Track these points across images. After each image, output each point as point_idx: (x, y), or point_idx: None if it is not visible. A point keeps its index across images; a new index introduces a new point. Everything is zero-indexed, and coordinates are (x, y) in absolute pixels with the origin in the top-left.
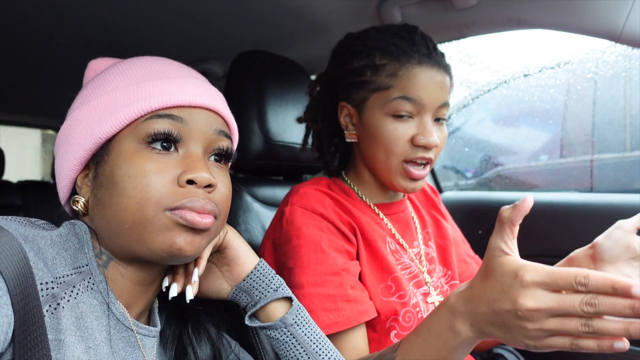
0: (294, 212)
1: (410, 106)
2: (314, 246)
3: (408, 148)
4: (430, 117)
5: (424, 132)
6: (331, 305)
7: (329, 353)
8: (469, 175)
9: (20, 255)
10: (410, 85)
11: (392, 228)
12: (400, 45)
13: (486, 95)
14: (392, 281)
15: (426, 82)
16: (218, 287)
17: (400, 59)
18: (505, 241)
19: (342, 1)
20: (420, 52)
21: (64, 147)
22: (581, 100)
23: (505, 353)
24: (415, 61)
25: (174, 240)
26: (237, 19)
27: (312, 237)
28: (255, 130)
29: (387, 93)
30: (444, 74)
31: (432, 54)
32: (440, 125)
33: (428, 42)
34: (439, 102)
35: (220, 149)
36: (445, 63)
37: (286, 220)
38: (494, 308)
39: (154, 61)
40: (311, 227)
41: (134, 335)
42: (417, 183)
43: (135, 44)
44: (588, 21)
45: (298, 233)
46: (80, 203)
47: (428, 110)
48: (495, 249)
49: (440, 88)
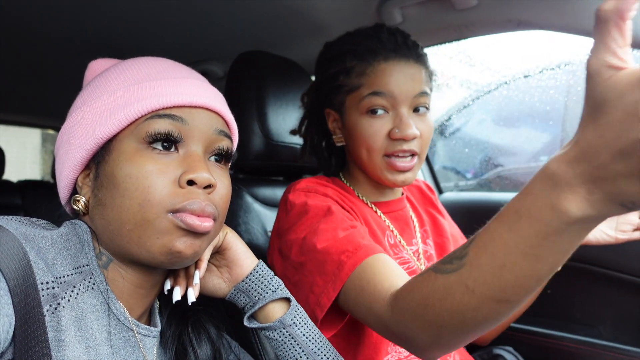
0: (297, 195)
1: (382, 100)
2: (322, 211)
3: (387, 142)
4: (407, 109)
5: (399, 125)
6: (348, 246)
7: (328, 353)
8: (469, 176)
9: (21, 254)
10: (378, 81)
11: (390, 225)
12: (367, 44)
13: (486, 96)
14: None
15: (395, 75)
16: (216, 287)
17: (367, 58)
18: (613, 51)
19: (342, 2)
20: (387, 48)
21: (64, 148)
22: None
23: (505, 354)
24: (381, 57)
25: (173, 243)
26: (237, 19)
27: (320, 206)
28: (256, 130)
29: (359, 92)
30: (414, 65)
31: (399, 48)
32: (422, 115)
33: (397, 36)
34: (412, 93)
35: (221, 149)
36: (418, 54)
37: (290, 204)
38: (623, 145)
39: (154, 62)
40: (317, 199)
41: (134, 335)
42: (405, 175)
43: (135, 44)
44: (588, 22)
45: (305, 208)
46: (81, 202)
47: (402, 102)
48: (601, 69)
49: (411, 79)
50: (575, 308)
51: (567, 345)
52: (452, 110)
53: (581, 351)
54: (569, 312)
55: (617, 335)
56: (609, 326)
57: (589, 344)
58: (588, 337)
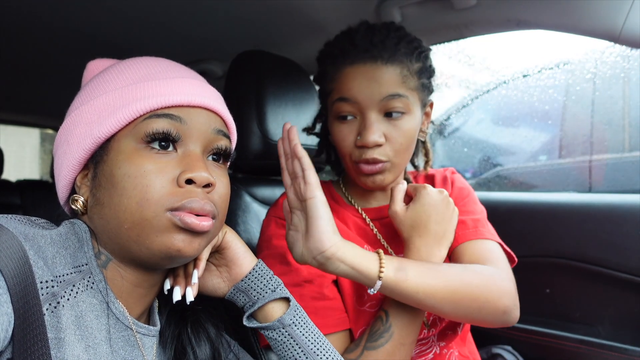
0: (269, 223)
1: (349, 106)
2: (279, 257)
3: (353, 149)
4: (376, 114)
5: (362, 132)
6: None
7: (327, 353)
8: (468, 175)
9: (20, 253)
10: (343, 86)
11: (375, 231)
12: (340, 47)
13: (485, 95)
14: (365, 290)
15: (358, 79)
16: (215, 286)
17: (336, 62)
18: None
19: (341, 1)
20: (357, 49)
21: (63, 148)
22: (580, 100)
23: (504, 353)
24: (348, 61)
25: (172, 241)
26: (236, 19)
27: (279, 249)
28: (255, 130)
29: (330, 97)
30: (384, 66)
31: (370, 49)
32: (395, 120)
33: (372, 36)
34: (377, 97)
35: (219, 148)
36: (391, 53)
37: (262, 231)
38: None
39: (152, 61)
40: (281, 238)
41: (133, 335)
42: (375, 177)
43: (134, 44)
44: (587, 22)
45: (267, 244)
46: (80, 202)
47: (367, 107)
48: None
49: (376, 82)
50: (574, 307)
51: (566, 344)
52: (451, 110)
53: (580, 350)
54: (568, 311)
55: (616, 335)
56: (608, 325)
57: (588, 343)
58: (587, 336)
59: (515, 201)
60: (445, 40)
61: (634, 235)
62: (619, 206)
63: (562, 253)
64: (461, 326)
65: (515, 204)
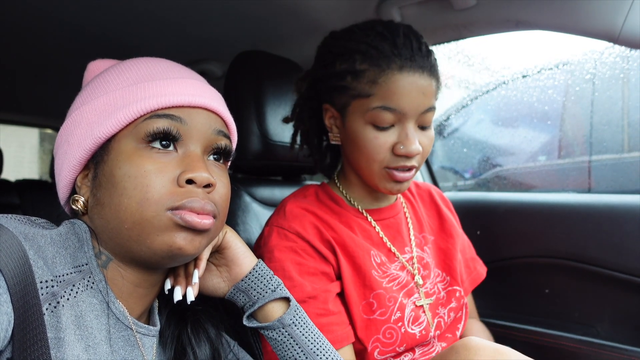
0: (271, 233)
1: (391, 116)
2: (282, 272)
3: (389, 156)
4: (413, 124)
5: (404, 141)
6: None
7: (327, 353)
8: (467, 175)
9: (20, 253)
10: (390, 94)
11: (381, 233)
12: (380, 48)
13: (485, 96)
14: (374, 298)
15: (407, 89)
16: (215, 286)
17: (380, 65)
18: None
19: (340, 1)
20: (402, 56)
21: (63, 148)
22: (579, 101)
23: None
24: (396, 66)
25: (173, 240)
26: (236, 19)
27: (282, 262)
28: (254, 130)
29: (367, 101)
30: (428, 78)
31: (415, 57)
32: (425, 130)
33: (412, 42)
34: (421, 109)
35: (219, 148)
36: (431, 64)
37: (263, 241)
38: None
39: (153, 62)
40: (283, 250)
41: (133, 334)
42: (402, 185)
43: (134, 44)
44: (586, 22)
45: (270, 256)
46: (80, 202)
47: (410, 117)
48: None
49: (422, 94)
50: (573, 307)
51: (565, 344)
52: (450, 110)
53: (579, 350)
54: (566, 312)
55: (615, 335)
56: (606, 325)
57: (587, 343)
58: (586, 337)
59: (515, 201)
60: (445, 41)
61: (633, 235)
62: (618, 206)
63: (561, 253)
64: (459, 330)
65: (515, 204)
